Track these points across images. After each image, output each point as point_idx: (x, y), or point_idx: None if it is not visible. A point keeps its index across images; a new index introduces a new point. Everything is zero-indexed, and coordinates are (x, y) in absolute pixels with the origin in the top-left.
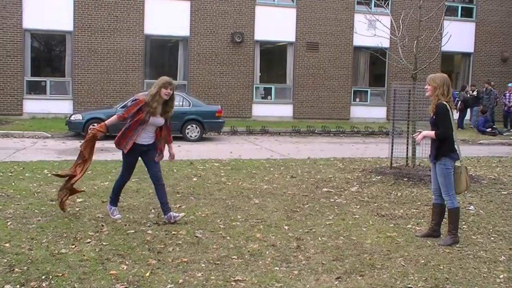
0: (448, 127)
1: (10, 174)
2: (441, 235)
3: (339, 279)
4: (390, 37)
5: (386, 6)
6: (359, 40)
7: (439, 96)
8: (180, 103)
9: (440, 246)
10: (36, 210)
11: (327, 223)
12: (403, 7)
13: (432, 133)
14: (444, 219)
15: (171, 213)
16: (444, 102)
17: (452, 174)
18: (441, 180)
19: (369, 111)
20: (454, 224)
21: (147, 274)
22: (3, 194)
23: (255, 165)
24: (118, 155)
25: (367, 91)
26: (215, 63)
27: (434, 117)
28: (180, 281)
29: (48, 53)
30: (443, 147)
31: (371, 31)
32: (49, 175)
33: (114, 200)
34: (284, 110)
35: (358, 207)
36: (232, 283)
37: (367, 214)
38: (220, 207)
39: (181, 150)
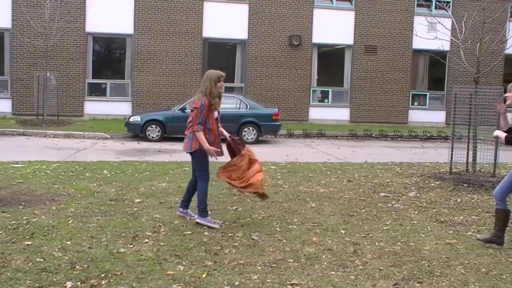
0: None
1: (71, 174)
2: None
3: (397, 286)
4: (451, 39)
5: (447, 8)
6: (418, 43)
7: None
8: (237, 105)
9: (496, 250)
10: (95, 210)
11: (385, 228)
12: (465, 9)
13: (503, 134)
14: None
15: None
16: None
17: None
18: (505, 183)
19: (427, 115)
20: (500, 225)
21: (204, 276)
22: (65, 193)
23: (311, 168)
24: (176, 157)
25: (426, 94)
26: (272, 66)
27: None
28: (236, 283)
29: (108, 56)
30: None
31: (432, 33)
32: (109, 175)
33: (206, 209)
34: (341, 114)
35: (416, 212)
36: (288, 286)
37: (426, 220)
38: (277, 210)
39: None
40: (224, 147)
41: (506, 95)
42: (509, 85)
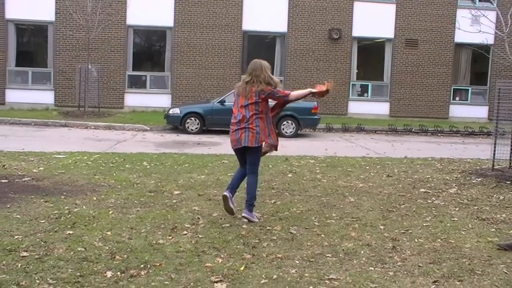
0: None
1: (111, 165)
2: None
3: (436, 283)
4: (496, 32)
5: (492, 0)
6: (461, 36)
7: None
8: None
9: None
10: (135, 201)
11: (424, 224)
12: (511, 1)
13: None
14: None
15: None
16: None
17: None
18: None
19: (469, 111)
20: None
21: (242, 268)
22: (105, 184)
23: (350, 163)
24: (215, 150)
25: (467, 89)
26: (312, 60)
27: None
28: (274, 276)
29: (149, 49)
30: None
31: (475, 26)
32: (148, 167)
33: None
34: (381, 108)
35: (457, 209)
36: (326, 281)
37: (467, 217)
38: (315, 204)
39: None
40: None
41: None
42: None
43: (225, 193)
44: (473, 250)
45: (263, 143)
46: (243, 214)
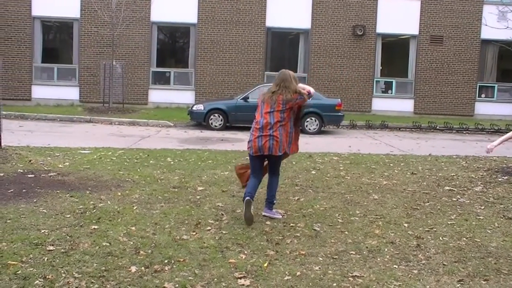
0: None
1: (136, 161)
2: None
3: (461, 282)
4: None
5: None
6: (487, 32)
7: None
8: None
9: None
10: (159, 196)
11: (449, 222)
12: None
13: None
14: None
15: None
16: None
17: None
18: None
19: (495, 108)
20: None
21: (265, 265)
22: (130, 179)
23: (374, 160)
24: (238, 146)
25: (494, 86)
26: (335, 56)
27: None
28: (298, 273)
29: (172, 45)
30: None
31: (503, 22)
32: (172, 163)
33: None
34: (405, 105)
35: (482, 207)
36: (350, 278)
37: (492, 215)
38: (339, 201)
39: (300, 143)
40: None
41: None
42: None
43: (247, 198)
44: (499, 249)
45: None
46: (264, 213)
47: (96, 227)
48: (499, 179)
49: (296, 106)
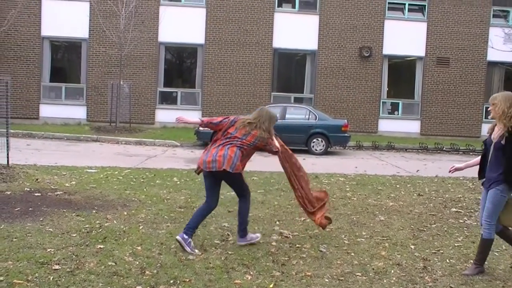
0: None
1: (142, 180)
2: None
3: None
4: None
5: None
6: (493, 55)
7: (505, 117)
8: (306, 116)
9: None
10: (165, 216)
11: (456, 245)
12: None
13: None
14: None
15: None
16: None
17: (503, 204)
18: (490, 207)
19: None
20: (484, 254)
21: (271, 286)
22: (136, 199)
23: (380, 181)
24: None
25: None
26: (342, 77)
27: (503, 142)
28: None
29: (180, 65)
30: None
31: (508, 45)
32: (178, 183)
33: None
34: (411, 126)
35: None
36: None
37: (500, 238)
38: (345, 223)
39: (306, 164)
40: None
41: (489, 108)
42: (490, 98)
43: (178, 237)
44: (507, 272)
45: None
46: (238, 243)
47: (102, 246)
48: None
49: (261, 146)
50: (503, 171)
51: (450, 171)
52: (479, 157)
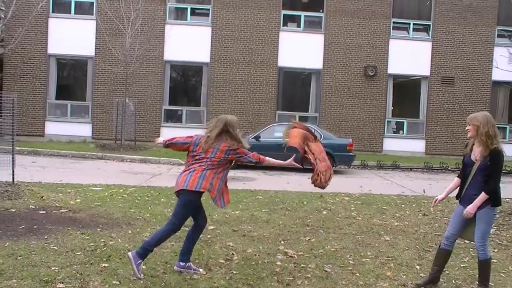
0: (499, 178)
1: (146, 199)
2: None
3: None
4: None
5: None
6: (498, 74)
7: (488, 135)
8: None
9: None
10: None
11: (462, 265)
12: None
13: (483, 197)
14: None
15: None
16: (501, 149)
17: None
18: (484, 227)
19: (507, 149)
20: (487, 275)
21: None
22: (140, 217)
23: (385, 201)
24: (249, 185)
25: (505, 127)
26: (347, 96)
27: (488, 163)
28: None
29: (185, 84)
30: (495, 194)
31: None
32: None
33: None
34: (416, 145)
35: (495, 250)
36: None
37: (506, 258)
38: (350, 242)
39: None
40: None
41: (467, 128)
42: (468, 118)
43: (175, 268)
44: None
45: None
46: (128, 254)
47: (106, 265)
48: None
49: (234, 159)
50: (489, 191)
51: (433, 205)
52: (456, 179)
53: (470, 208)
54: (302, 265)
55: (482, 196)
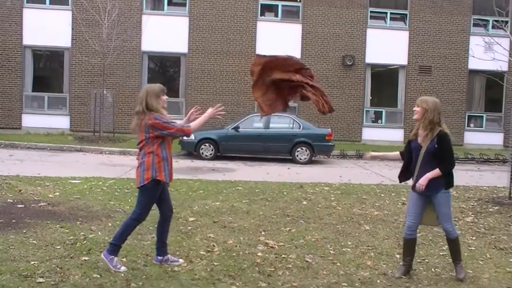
0: (453, 159)
1: (126, 191)
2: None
3: None
4: (510, 60)
5: (505, 27)
6: (474, 63)
7: (433, 122)
8: (290, 125)
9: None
10: (150, 227)
11: (441, 253)
12: None
13: (436, 172)
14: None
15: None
16: (447, 131)
17: None
18: (445, 210)
19: (484, 137)
20: (459, 252)
21: None
22: (120, 210)
23: (365, 190)
24: (229, 176)
25: (482, 116)
26: (325, 86)
27: (436, 146)
28: None
29: (163, 74)
30: (450, 176)
31: (489, 54)
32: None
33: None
34: (395, 134)
35: (473, 238)
36: None
37: (484, 246)
38: (330, 232)
39: (291, 173)
40: None
41: (414, 109)
42: (418, 99)
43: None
44: (492, 281)
45: None
46: (102, 255)
47: (86, 258)
48: (490, 209)
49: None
50: (442, 175)
51: (366, 158)
52: (398, 152)
53: (422, 180)
54: (283, 255)
55: (436, 171)
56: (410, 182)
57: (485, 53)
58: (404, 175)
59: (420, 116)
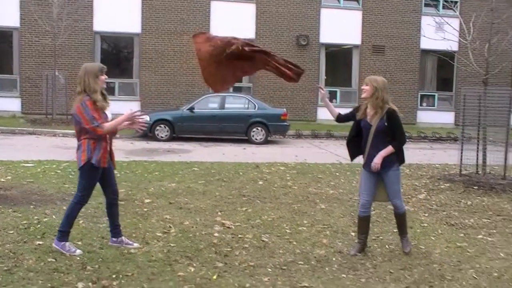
0: (404, 135)
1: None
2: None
3: None
4: (460, 40)
5: (455, 8)
6: (426, 43)
7: (384, 100)
8: (246, 105)
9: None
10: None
11: (395, 231)
12: (473, 9)
13: (390, 149)
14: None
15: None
16: (395, 108)
17: None
18: (397, 187)
19: (436, 116)
20: (406, 226)
21: (214, 277)
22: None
23: (320, 170)
24: (185, 157)
25: (434, 95)
26: None
27: (386, 124)
28: (247, 285)
29: (116, 55)
30: (401, 152)
31: (440, 34)
32: (118, 175)
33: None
34: None
35: (426, 215)
36: None
37: (436, 222)
38: (286, 212)
39: (246, 153)
40: None
41: (362, 87)
42: (367, 78)
43: (110, 243)
44: (443, 256)
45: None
46: (53, 245)
47: (40, 242)
48: (442, 187)
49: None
50: (397, 147)
51: (320, 87)
52: (338, 112)
53: (377, 159)
54: (239, 235)
55: (389, 148)
56: (361, 159)
57: (436, 33)
58: (354, 152)
59: (369, 94)
